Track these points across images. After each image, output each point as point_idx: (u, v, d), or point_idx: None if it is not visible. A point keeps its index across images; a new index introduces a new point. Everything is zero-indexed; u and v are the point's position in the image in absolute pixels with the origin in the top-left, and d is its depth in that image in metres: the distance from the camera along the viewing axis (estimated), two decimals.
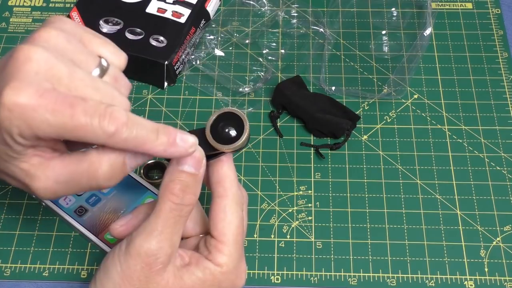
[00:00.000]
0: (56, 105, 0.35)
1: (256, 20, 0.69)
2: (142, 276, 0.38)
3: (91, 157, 0.37)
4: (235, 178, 0.42)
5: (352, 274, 0.52)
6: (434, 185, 0.57)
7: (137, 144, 0.36)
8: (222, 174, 0.42)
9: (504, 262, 0.53)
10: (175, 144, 0.38)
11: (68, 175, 0.37)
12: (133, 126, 0.36)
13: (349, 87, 0.63)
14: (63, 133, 0.35)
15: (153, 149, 0.37)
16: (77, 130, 0.35)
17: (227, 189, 0.42)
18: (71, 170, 0.37)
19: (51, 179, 0.37)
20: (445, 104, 0.62)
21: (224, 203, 0.41)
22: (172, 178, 0.39)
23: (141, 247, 0.38)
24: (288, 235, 0.54)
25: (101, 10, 0.65)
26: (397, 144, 0.59)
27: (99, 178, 0.37)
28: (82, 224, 0.53)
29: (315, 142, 0.60)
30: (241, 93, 0.63)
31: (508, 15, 0.69)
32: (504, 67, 0.65)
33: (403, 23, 0.68)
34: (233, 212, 0.41)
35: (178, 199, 0.39)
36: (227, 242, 0.41)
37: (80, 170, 0.37)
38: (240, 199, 0.42)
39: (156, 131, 0.37)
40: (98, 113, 0.35)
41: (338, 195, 0.57)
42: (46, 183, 0.38)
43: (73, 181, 0.38)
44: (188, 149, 0.38)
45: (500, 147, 0.59)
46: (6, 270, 0.53)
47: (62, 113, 0.35)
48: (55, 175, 0.37)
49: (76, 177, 0.37)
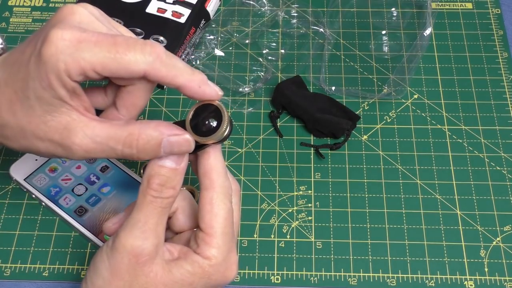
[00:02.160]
0: (99, 38, 0.37)
1: (256, 20, 0.69)
2: (131, 269, 0.39)
3: (132, 128, 0.39)
4: (222, 169, 0.42)
5: (352, 274, 0.52)
6: (434, 185, 0.57)
7: (175, 75, 0.39)
8: (208, 166, 0.41)
9: (504, 262, 0.53)
10: (207, 83, 0.40)
11: (106, 138, 0.39)
12: (172, 58, 0.39)
13: (349, 87, 0.63)
14: (108, 63, 0.37)
15: (189, 83, 0.39)
16: (120, 59, 0.37)
17: (213, 181, 0.41)
18: (109, 134, 0.39)
19: (89, 137, 0.39)
20: (445, 104, 0.62)
21: (210, 195, 0.41)
22: (152, 173, 0.40)
23: (126, 240, 0.39)
24: (288, 235, 0.54)
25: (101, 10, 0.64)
26: (397, 144, 0.59)
27: (134, 148, 0.39)
28: (82, 224, 0.53)
29: (315, 142, 0.60)
30: (241, 93, 0.63)
31: (508, 15, 0.69)
32: (504, 67, 0.65)
33: (403, 23, 0.68)
34: (219, 203, 0.41)
35: (157, 193, 0.39)
36: (215, 235, 0.40)
37: (118, 137, 0.39)
38: (228, 190, 0.42)
39: (192, 68, 0.40)
40: (139, 43, 0.38)
41: (338, 195, 0.57)
42: (83, 141, 0.39)
43: (109, 145, 0.39)
44: (218, 92, 0.41)
45: (500, 147, 0.59)
46: (6, 270, 0.53)
47: (105, 43, 0.37)
48: (94, 134, 0.39)
49: (113, 143, 0.39)
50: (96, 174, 0.56)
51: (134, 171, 0.57)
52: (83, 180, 0.56)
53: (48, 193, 0.55)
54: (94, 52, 0.37)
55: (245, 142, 0.60)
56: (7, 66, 0.41)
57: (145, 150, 0.39)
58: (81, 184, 0.56)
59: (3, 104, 0.40)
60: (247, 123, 0.61)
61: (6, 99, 0.40)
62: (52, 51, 0.37)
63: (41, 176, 0.56)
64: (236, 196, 0.44)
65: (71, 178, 0.56)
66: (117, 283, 0.39)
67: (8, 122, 0.41)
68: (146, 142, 0.39)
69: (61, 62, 0.37)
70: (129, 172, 0.56)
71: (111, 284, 0.39)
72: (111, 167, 0.57)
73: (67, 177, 0.56)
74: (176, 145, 0.39)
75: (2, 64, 0.42)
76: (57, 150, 0.40)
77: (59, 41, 0.37)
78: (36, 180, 0.56)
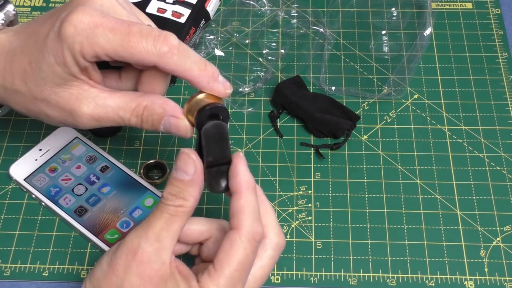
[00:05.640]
0: (116, 25, 0.40)
1: (256, 20, 0.69)
2: (126, 266, 0.38)
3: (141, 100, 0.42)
4: (252, 213, 0.40)
5: (352, 274, 0.52)
6: (434, 185, 0.57)
7: (185, 69, 0.41)
8: (238, 207, 0.40)
9: (504, 262, 0.53)
10: (218, 79, 0.42)
11: (116, 107, 0.42)
12: (184, 50, 0.40)
13: (349, 87, 0.63)
14: (120, 50, 0.40)
15: (200, 77, 0.41)
16: (133, 47, 0.40)
17: (240, 222, 0.39)
18: (120, 104, 0.43)
19: (100, 107, 0.42)
20: (445, 104, 0.62)
21: (233, 235, 0.39)
22: (168, 182, 0.40)
23: (129, 236, 0.39)
24: (288, 235, 0.54)
25: None
26: (397, 144, 0.59)
27: (140, 117, 0.42)
28: (82, 224, 0.53)
29: (315, 142, 0.60)
30: (241, 93, 0.63)
31: (508, 15, 0.69)
32: (504, 67, 0.65)
33: (403, 23, 0.68)
34: (239, 247, 0.39)
35: (166, 200, 0.39)
36: (221, 274, 0.39)
37: (128, 107, 0.42)
38: (254, 236, 0.39)
39: (204, 62, 0.41)
40: (153, 34, 0.40)
41: (338, 195, 0.57)
42: (95, 111, 0.42)
43: (119, 114, 0.43)
44: (226, 90, 0.42)
45: (500, 147, 0.59)
46: (6, 270, 0.53)
47: (120, 31, 0.39)
48: (105, 104, 0.42)
49: (122, 112, 0.43)
50: (96, 174, 0.56)
51: (134, 171, 0.57)
52: (83, 180, 0.56)
53: (48, 193, 0.55)
54: (108, 38, 0.39)
55: (245, 142, 0.60)
56: (25, 35, 0.44)
57: (147, 121, 0.42)
58: (81, 184, 0.56)
59: (17, 71, 0.43)
60: (247, 123, 0.61)
61: (20, 67, 0.43)
62: (70, 32, 0.39)
63: (41, 176, 0.56)
64: (273, 250, 0.42)
65: (71, 178, 0.56)
66: (112, 278, 0.39)
67: (20, 89, 0.43)
68: (149, 114, 0.42)
69: (77, 43, 0.40)
70: (129, 172, 0.56)
71: (106, 278, 0.39)
72: (111, 167, 0.57)
73: (67, 177, 0.56)
74: (173, 126, 0.42)
75: (19, 32, 0.45)
76: (67, 118, 0.43)
77: (79, 23, 0.39)
78: (36, 180, 0.56)
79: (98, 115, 0.43)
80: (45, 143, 0.58)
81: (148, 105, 0.42)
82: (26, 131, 0.60)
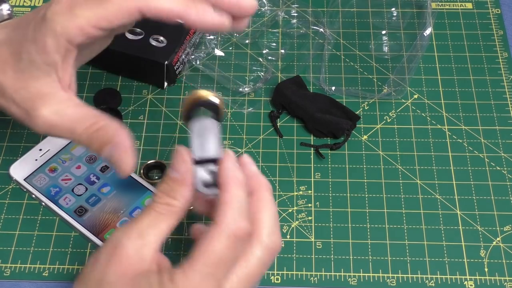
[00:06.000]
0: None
1: (256, 20, 0.69)
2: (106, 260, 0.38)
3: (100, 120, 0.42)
4: (237, 208, 0.38)
5: (352, 274, 0.52)
6: (434, 185, 0.57)
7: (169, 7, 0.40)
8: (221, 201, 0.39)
9: (504, 262, 0.53)
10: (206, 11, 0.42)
11: (72, 118, 0.42)
12: None
13: (349, 87, 0.63)
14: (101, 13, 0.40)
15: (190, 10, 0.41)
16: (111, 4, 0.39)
17: (220, 217, 0.38)
18: (78, 115, 0.42)
19: (58, 115, 0.42)
20: (445, 104, 0.62)
21: (212, 231, 0.37)
22: (162, 180, 0.40)
23: (115, 233, 0.39)
24: (288, 235, 0.54)
25: None
26: (397, 144, 0.59)
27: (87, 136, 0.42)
28: (82, 224, 0.53)
29: (315, 142, 0.60)
30: (241, 93, 0.63)
31: (508, 15, 0.69)
32: (504, 67, 0.65)
33: (403, 23, 0.68)
34: (216, 242, 0.37)
35: (156, 197, 0.39)
36: (194, 270, 0.36)
37: (84, 123, 0.42)
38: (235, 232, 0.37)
39: None
40: None
41: (338, 195, 0.57)
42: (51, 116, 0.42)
43: (71, 127, 0.42)
44: (224, 22, 0.43)
45: (500, 147, 0.59)
46: (6, 270, 0.53)
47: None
48: (63, 113, 0.42)
49: (76, 125, 0.42)
50: (96, 174, 0.56)
51: (134, 171, 0.57)
52: (83, 180, 0.56)
53: (48, 193, 0.55)
54: (86, 7, 0.40)
55: (245, 142, 0.60)
56: (11, 28, 0.44)
57: (96, 143, 0.42)
58: (81, 184, 0.56)
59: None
60: (247, 123, 0.61)
61: (1, 58, 0.43)
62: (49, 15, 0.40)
63: (41, 176, 0.56)
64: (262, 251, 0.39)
65: (71, 178, 0.56)
66: (94, 271, 0.38)
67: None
68: (102, 135, 0.42)
69: (57, 24, 0.40)
70: None
71: (92, 270, 0.39)
72: (111, 167, 0.57)
73: (67, 177, 0.56)
74: (116, 156, 0.42)
75: (7, 25, 0.46)
76: (25, 118, 0.43)
77: (56, 5, 0.40)
78: (36, 180, 0.56)
79: (54, 121, 0.42)
80: (45, 143, 0.58)
81: (103, 126, 0.42)
82: (26, 131, 0.60)
